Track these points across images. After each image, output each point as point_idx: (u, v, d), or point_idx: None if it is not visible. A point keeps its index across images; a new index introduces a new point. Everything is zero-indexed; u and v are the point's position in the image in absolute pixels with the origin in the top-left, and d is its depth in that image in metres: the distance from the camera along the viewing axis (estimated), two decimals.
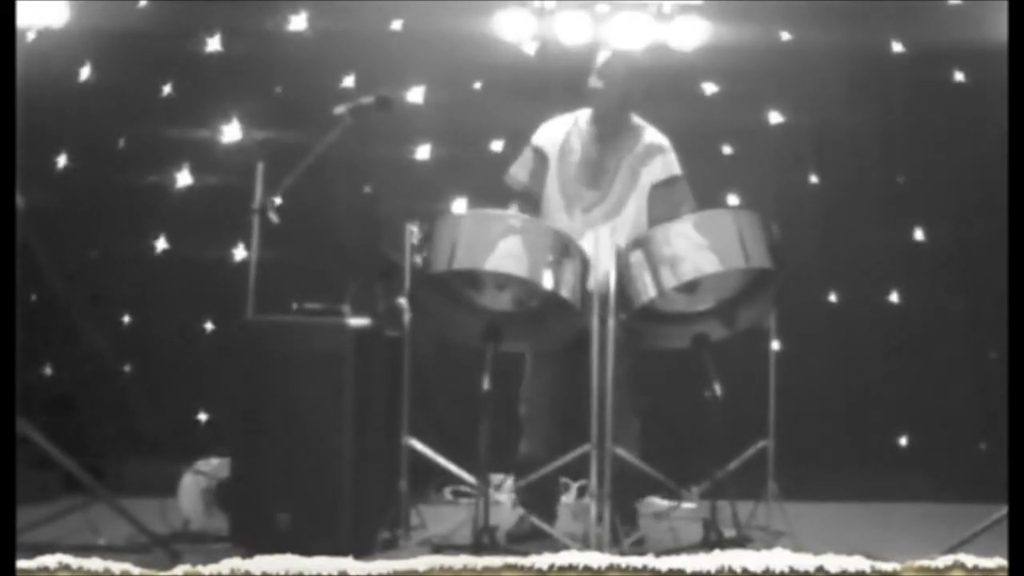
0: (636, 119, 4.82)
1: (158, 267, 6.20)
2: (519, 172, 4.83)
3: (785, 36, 6.12)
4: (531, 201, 4.77)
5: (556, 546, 4.18)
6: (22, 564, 3.33)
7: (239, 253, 6.02)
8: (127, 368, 6.18)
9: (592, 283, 4.38)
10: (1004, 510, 3.65)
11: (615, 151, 4.74)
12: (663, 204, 4.69)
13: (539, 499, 4.75)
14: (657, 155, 4.75)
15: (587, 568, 3.37)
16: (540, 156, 4.80)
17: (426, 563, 3.43)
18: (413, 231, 4.53)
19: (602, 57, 4.79)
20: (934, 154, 6.16)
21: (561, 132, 4.80)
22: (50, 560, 3.38)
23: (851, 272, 6.22)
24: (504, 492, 4.89)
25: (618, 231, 4.54)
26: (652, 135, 4.80)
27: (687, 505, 5.06)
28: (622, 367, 4.51)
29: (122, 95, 6.15)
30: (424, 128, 6.22)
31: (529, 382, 4.80)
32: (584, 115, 4.83)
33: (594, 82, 4.74)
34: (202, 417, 6.06)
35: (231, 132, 6.20)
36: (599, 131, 4.77)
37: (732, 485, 4.45)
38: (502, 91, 6.11)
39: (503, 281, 4.42)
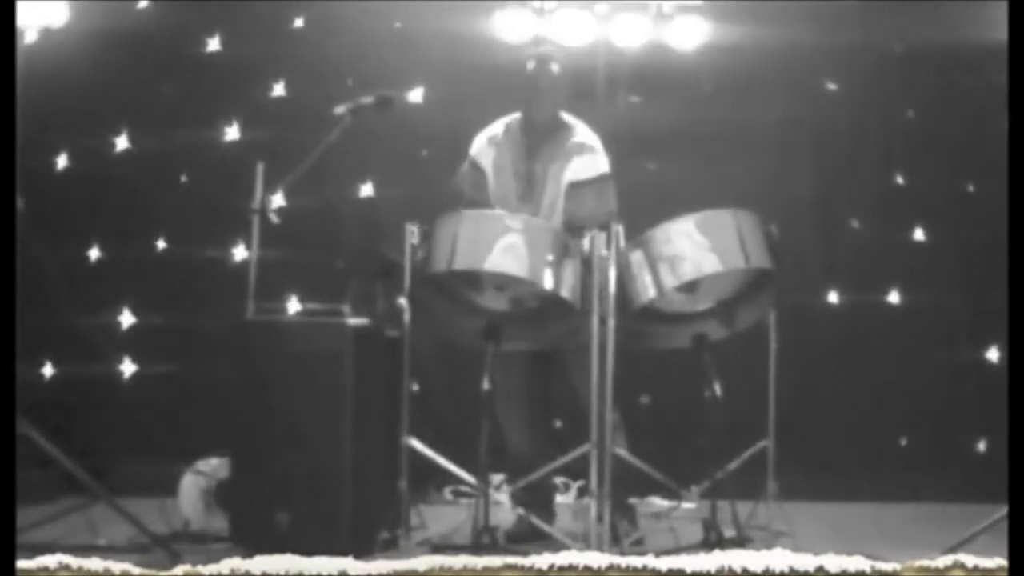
0: (567, 118, 4.82)
1: (158, 267, 6.20)
2: (461, 184, 4.84)
3: (785, 36, 6.11)
4: (467, 204, 4.76)
5: (556, 546, 4.18)
6: (22, 564, 3.33)
7: (239, 253, 6.02)
8: (127, 368, 6.19)
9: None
10: (1004, 510, 3.65)
11: (543, 158, 4.74)
12: (590, 202, 4.67)
13: (535, 498, 4.75)
14: (583, 153, 4.73)
15: (587, 568, 3.37)
16: (477, 168, 4.81)
17: (426, 563, 3.44)
18: (413, 231, 4.53)
19: (528, 66, 4.79)
20: (934, 154, 6.16)
21: (492, 144, 4.81)
22: (50, 560, 3.38)
23: (851, 272, 6.22)
24: (504, 492, 4.89)
25: None
26: (581, 135, 4.78)
27: (687, 505, 5.06)
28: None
29: (122, 95, 6.15)
30: (424, 128, 6.22)
31: (501, 385, 4.78)
32: (515, 121, 4.82)
33: (522, 92, 4.76)
34: (202, 417, 6.05)
35: (231, 132, 6.20)
36: (529, 138, 4.77)
37: (732, 485, 4.45)
38: (502, 92, 6.10)
39: (503, 281, 4.42)
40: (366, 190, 6.26)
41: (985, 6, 5.61)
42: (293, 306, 5.68)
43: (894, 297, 6.22)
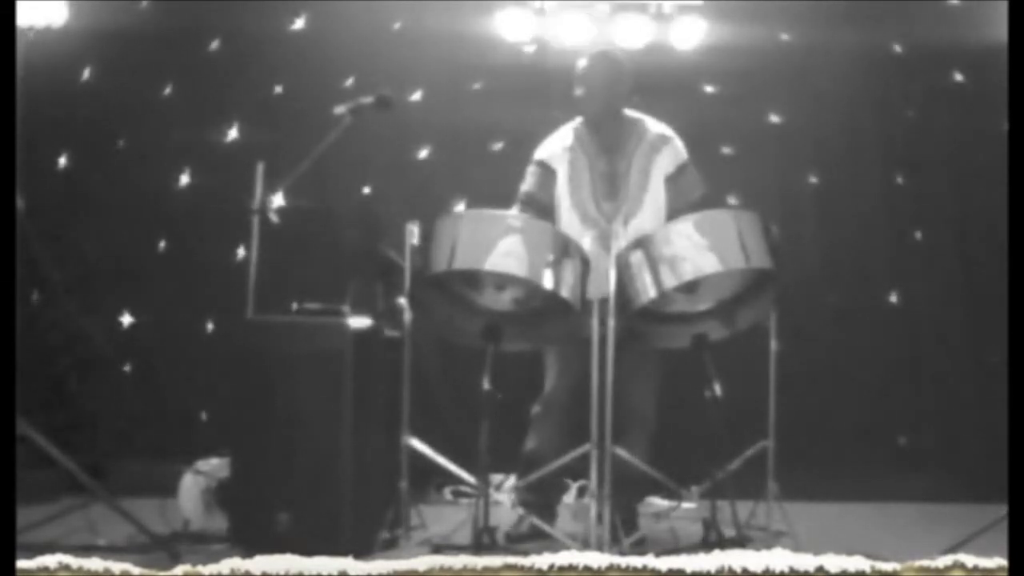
0: (631, 114, 4.82)
1: (158, 267, 6.20)
2: (532, 187, 4.79)
3: (785, 36, 6.12)
4: (537, 208, 4.74)
5: (556, 546, 4.18)
6: (22, 564, 3.33)
7: (239, 253, 6.02)
8: (127, 368, 6.19)
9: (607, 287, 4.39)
10: (1004, 510, 3.65)
11: (622, 154, 4.74)
12: (676, 192, 4.73)
13: (541, 498, 4.76)
14: (664, 146, 4.76)
15: (587, 568, 3.36)
16: (546, 169, 4.78)
17: (426, 563, 3.43)
18: (413, 231, 4.54)
19: (580, 64, 4.79)
20: (934, 154, 6.16)
21: (566, 151, 4.77)
22: (50, 560, 3.37)
23: (851, 272, 6.22)
24: (504, 492, 4.89)
25: (641, 231, 4.58)
26: (654, 126, 4.81)
27: (687, 505, 5.07)
28: (648, 365, 4.59)
29: (122, 95, 6.15)
30: (424, 128, 6.22)
31: (553, 382, 4.78)
32: (580, 125, 4.81)
33: (578, 91, 4.75)
34: (202, 417, 6.06)
35: (231, 132, 6.21)
36: (601, 138, 4.76)
37: (732, 485, 4.45)
38: (502, 92, 6.11)
39: (503, 281, 4.42)
40: (366, 190, 6.26)
41: (985, 6, 5.62)
42: (293, 306, 5.68)
43: (894, 297, 6.23)
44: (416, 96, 6.23)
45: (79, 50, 6.04)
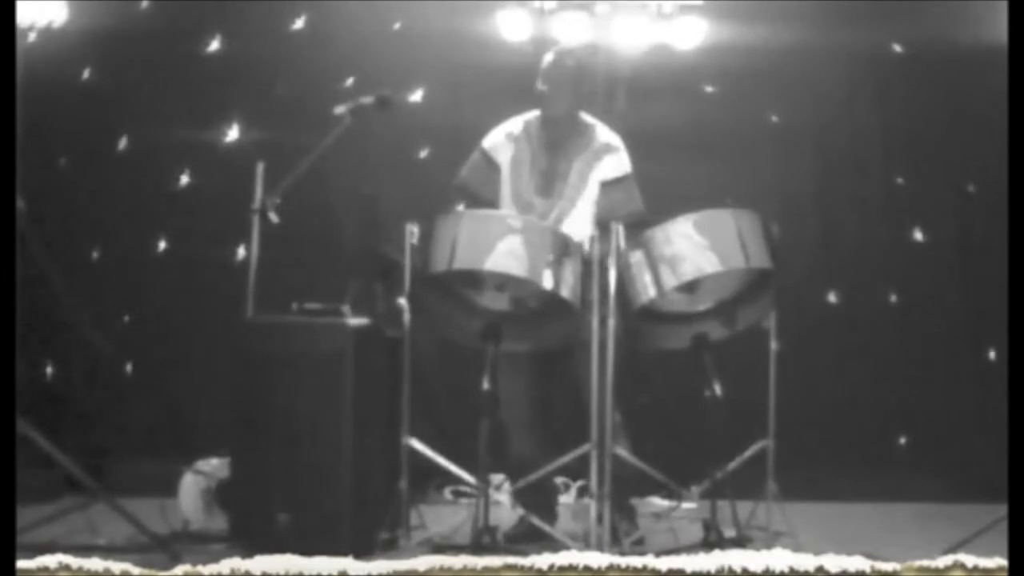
0: (586, 118, 4.80)
1: (158, 267, 6.20)
2: (469, 178, 4.81)
3: (785, 36, 6.11)
4: (467, 196, 4.75)
5: (556, 546, 4.18)
6: (22, 564, 3.33)
7: (239, 253, 6.02)
8: (127, 368, 6.18)
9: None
10: (1004, 510, 3.65)
11: (565, 155, 4.73)
12: (607, 201, 4.69)
13: (537, 499, 4.75)
14: (608, 154, 4.74)
15: (587, 568, 3.37)
16: (489, 161, 4.79)
17: (426, 563, 3.44)
18: (413, 231, 4.54)
19: (546, 60, 4.78)
20: (934, 154, 6.16)
21: (511, 140, 4.78)
22: (50, 560, 3.38)
23: (851, 272, 6.22)
24: (504, 492, 4.89)
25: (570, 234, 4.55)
26: (604, 134, 4.79)
27: (687, 505, 5.06)
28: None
29: (122, 95, 6.15)
30: (424, 128, 6.22)
31: (503, 386, 4.78)
32: (534, 118, 4.81)
33: (540, 85, 4.73)
34: (202, 417, 6.05)
35: (231, 132, 6.20)
36: (549, 135, 4.75)
37: (732, 485, 4.45)
38: (502, 92, 6.10)
39: (503, 281, 4.42)
40: (366, 190, 6.26)
41: (985, 6, 5.61)
42: (293, 306, 5.69)
43: (894, 297, 6.22)
44: (416, 96, 6.22)
45: (79, 50, 6.04)
